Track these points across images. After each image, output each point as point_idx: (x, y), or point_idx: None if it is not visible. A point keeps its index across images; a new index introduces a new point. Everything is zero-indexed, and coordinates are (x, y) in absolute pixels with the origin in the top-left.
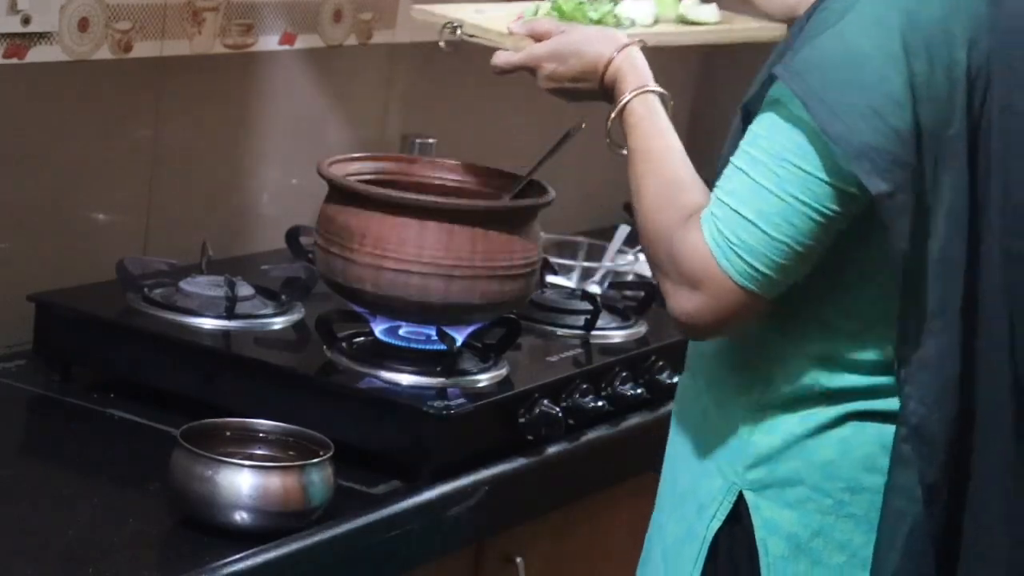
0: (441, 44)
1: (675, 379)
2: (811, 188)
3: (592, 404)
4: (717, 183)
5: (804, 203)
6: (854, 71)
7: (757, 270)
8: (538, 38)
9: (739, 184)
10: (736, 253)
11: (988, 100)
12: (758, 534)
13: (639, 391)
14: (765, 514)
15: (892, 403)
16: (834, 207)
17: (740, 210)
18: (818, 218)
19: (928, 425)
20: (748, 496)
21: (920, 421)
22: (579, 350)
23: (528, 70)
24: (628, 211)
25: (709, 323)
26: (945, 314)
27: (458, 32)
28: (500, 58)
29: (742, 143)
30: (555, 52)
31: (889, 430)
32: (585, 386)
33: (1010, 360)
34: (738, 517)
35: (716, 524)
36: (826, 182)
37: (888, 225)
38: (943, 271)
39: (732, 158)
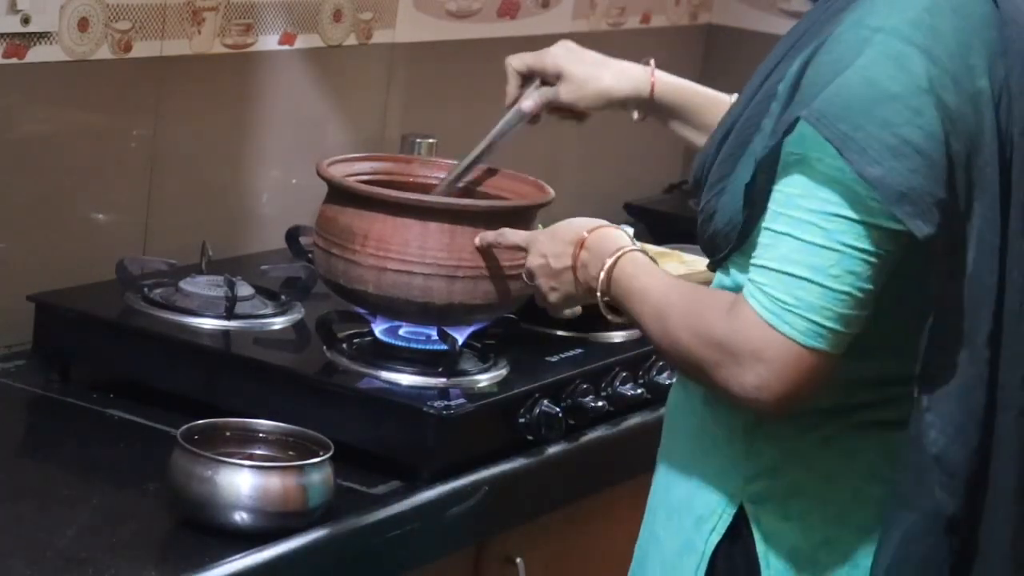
0: None
1: (674, 380)
2: (864, 234)
3: (592, 404)
4: (755, 254)
5: (860, 249)
6: (884, 110)
7: (821, 325)
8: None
9: (786, 248)
10: (795, 313)
11: (1010, 124)
12: (759, 548)
13: (639, 391)
14: (766, 527)
15: (894, 413)
16: (888, 247)
17: (792, 271)
18: (875, 260)
19: (949, 454)
20: (749, 509)
21: (941, 451)
22: (579, 350)
23: (520, 249)
24: (628, 211)
25: (780, 393)
26: (974, 345)
27: None
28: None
29: (776, 207)
30: (548, 230)
31: (891, 439)
32: (585, 386)
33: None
34: (738, 530)
35: (716, 538)
36: (877, 225)
37: (927, 263)
38: (973, 302)
39: (768, 225)
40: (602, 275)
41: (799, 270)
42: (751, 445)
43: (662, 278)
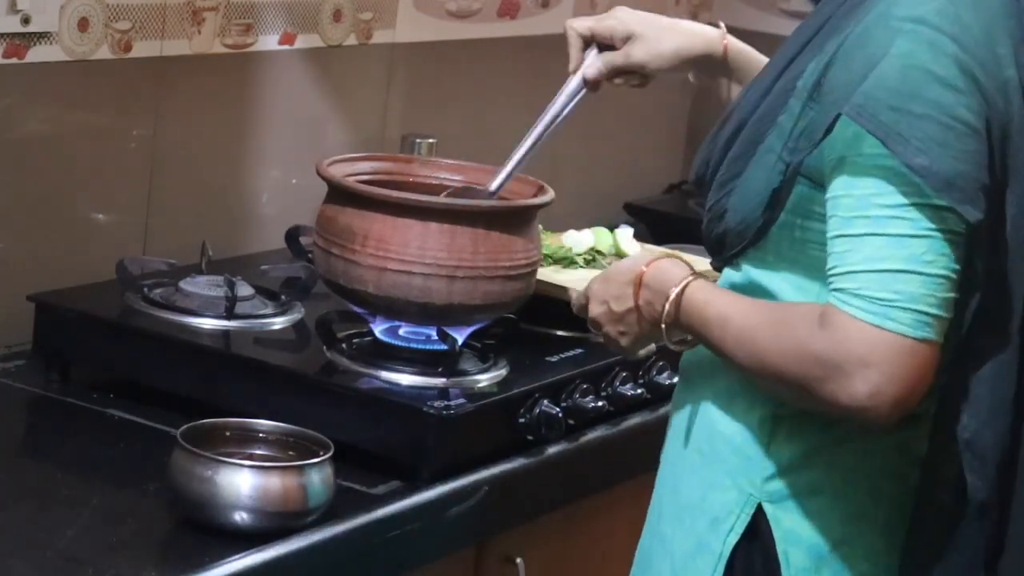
0: None
1: (674, 379)
2: (942, 216)
3: (592, 404)
4: (833, 264)
5: (944, 230)
6: (932, 92)
7: (927, 314)
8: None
9: (871, 247)
10: (899, 307)
11: None
12: (779, 546)
13: (639, 391)
14: (786, 525)
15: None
16: (962, 227)
17: (886, 267)
18: (958, 240)
19: (981, 439)
20: (768, 508)
21: (972, 435)
22: (579, 350)
23: (586, 308)
24: (628, 211)
25: (894, 396)
26: (1006, 331)
27: None
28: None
29: (847, 212)
30: (600, 276)
31: (909, 435)
32: (585, 386)
33: None
34: (756, 530)
35: (734, 538)
36: (949, 207)
37: (970, 250)
38: (1008, 287)
39: (840, 231)
40: (668, 307)
41: (893, 264)
42: (770, 444)
43: (736, 301)
